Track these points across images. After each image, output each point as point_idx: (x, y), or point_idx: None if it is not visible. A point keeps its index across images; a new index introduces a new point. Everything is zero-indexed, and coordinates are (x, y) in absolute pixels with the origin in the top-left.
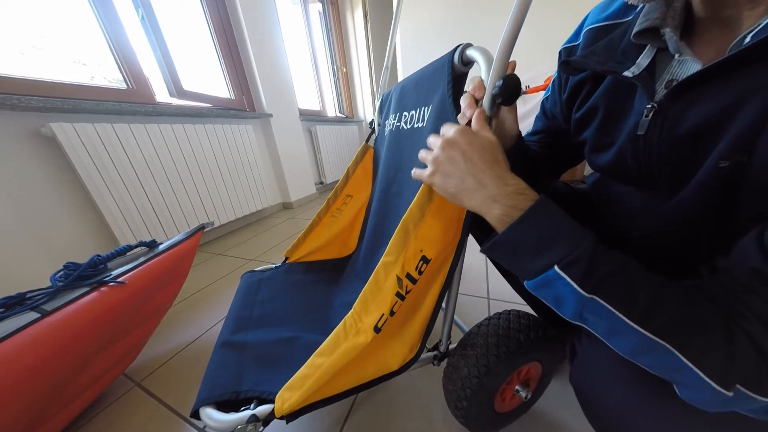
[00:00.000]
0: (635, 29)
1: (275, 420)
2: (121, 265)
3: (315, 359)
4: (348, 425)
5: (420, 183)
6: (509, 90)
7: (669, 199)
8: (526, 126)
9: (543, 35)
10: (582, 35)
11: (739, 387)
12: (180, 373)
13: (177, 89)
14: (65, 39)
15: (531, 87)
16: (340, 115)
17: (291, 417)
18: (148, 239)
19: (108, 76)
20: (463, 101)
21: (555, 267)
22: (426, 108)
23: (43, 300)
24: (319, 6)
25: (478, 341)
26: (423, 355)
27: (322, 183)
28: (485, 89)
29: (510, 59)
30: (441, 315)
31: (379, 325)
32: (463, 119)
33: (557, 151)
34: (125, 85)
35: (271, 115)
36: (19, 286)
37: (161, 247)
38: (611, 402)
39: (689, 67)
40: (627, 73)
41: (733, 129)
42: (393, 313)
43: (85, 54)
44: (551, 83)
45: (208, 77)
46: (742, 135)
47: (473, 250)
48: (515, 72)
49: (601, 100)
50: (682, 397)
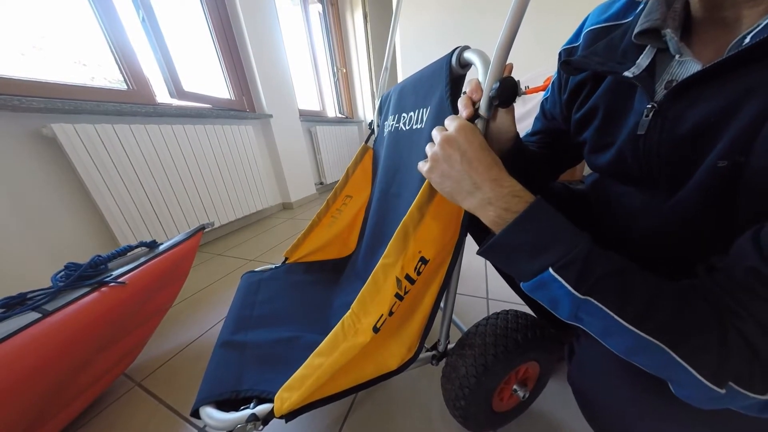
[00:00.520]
0: (636, 30)
1: (274, 419)
2: (122, 266)
3: (314, 359)
4: (347, 424)
5: (420, 184)
6: (506, 92)
7: (669, 199)
8: (526, 126)
9: (542, 36)
10: (582, 36)
11: (732, 384)
12: (180, 373)
13: (177, 90)
14: (66, 40)
15: (530, 87)
16: (339, 116)
17: (290, 416)
18: (148, 240)
19: (108, 76)
20: (460, 103)
21: (550, 269)
22: (424, 109)
23: (44, 300)
24: (319, 7)
25: (476, 341)
26: (421, 355)
27: (321, 183)
28: (482, 91)
29: (507, 61)
30: (439, 315)
31: (378, 326)
32: None
33: (556, 152)
34: (126, 86)
35: (271, 116)
36: (20, 286)
37: (161, 248)
38: (609, 401)
39: (689, 68)
40: (627, 74)
41: (732, 129)
42: (391, 313)
43: (86, 55)
44: (551, 84)
45: (208, 78)
46: (740, 135)
47: (472, 249)
48: (512, 74)
49: (602, 100)
50: (676, 395)
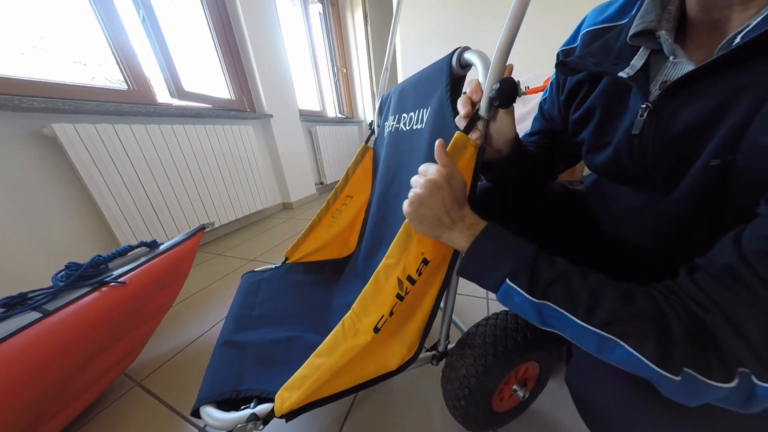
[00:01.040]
0: (631, 31)
1: (275, 419)
2: (122, 266)
3: (314, 360)
4: (347, 424)
5: None
6: (506, 93)
7: (664, 199)
8: (525, 127)
9: (542, 37)
10: (579, 37)
11: (690, 371)
12: (180, 373)
13: (178, 90)
14: (66, 39)
15: (530, 88)
16: (340, 116)
17: (291, 416)
18: (148, 239)
19: (109, 76)
20: (460, 104)
21: (507, 280)
22: (425, 110)
23: (45, 300)
24: (320, 7)
25: (476, 341)
26: (421, 355)
27: (322, 183)
28: (482, 92)
29: (507, 62)
30: (439, 315)
31: (379, 326)
32: (460, 122)
33: (555, 152)
34: (126, 86)
35: (272, 116)
36: (21, 285)
37: (162, 248)
38: (606, 402)
39: (683, 69)
40: (622, 74)
41: (723, 128)
42: (392, 314)
43: (86, 54)
44: (549, 85)
45: (208, 78)
46: (731, 134)
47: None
48: (512, 75)
49: (598, 100)
50: (663, 394)
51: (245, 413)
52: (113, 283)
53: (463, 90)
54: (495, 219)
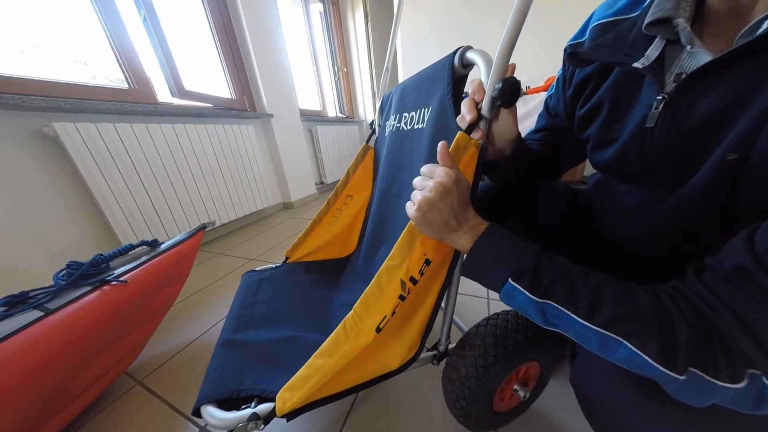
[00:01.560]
0: (647, 20)
1: (276, 418)
2: (123, 265)
3: (315, 360)
4: (348, 424)
5: None
6: (508, 93)
7: (669, 197)
8: (526, 127)
9: (543, 37)
10: (588, 32)
11: (693, 369)
12: (181, 372)
13: (178, 89)
14: (66, 38)
15: (531, 88)
16: (340, 116)
17: (291, 416)
18: (149, 239)
19: (109, 75)
20: (465, 108)
21: (509, 280)
22: (426, 109)
23: (46, 299)
24: (320, 6)
25: (476, 341)
26: (422, 355)
27: (322, 183)
28: (485, 92)
29: (509, 62)
30: (440, 315)
31: (381, 326)
32: (462, 122)
33: (559, 150)
34: (127, 85)
35: (272, 115)
36: (22, 284)
37: (163, 247)
38: (611, 403)
39: (700, 60)
40: (636, 64)
41: (743, 120)
42: (394, 314)
43: (86, 53)
44: (555, 81)
45: (209, 77)
46: (751, 126)
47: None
48: (515, 74)
49: (607, 95)
50: (670, 394)
51: (246, 413)
52: (114, 282)
53: (465, 90)
54: (497, 219)
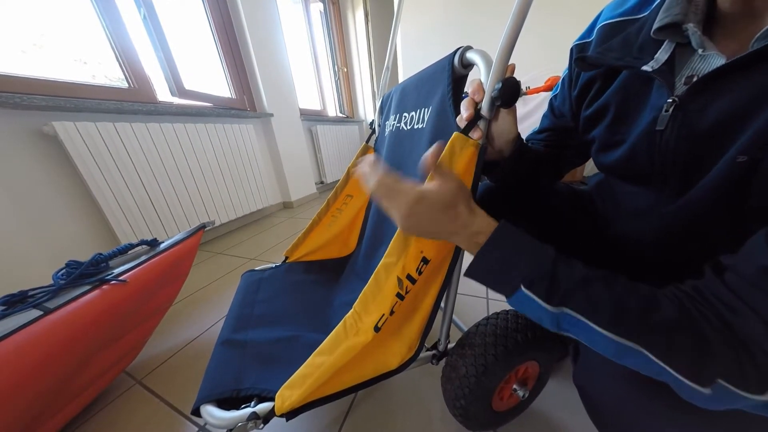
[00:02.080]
0: (656, 25)
1: (275, 418)
2: (123, 264)
3: (315, 358)
4: (347, 423)
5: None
6: (508, 93)
7: (677, 199)
8: (526, 127)
9: (544, 37)
10: (595, 31)
11: (723, 383)
12: (181, 371)
13: (178, 88)
14: (66, 37)
15: (531, 88)
16: (340, 115)
17: (291, 415)
18: (149, 238)
19: (109, 74)
20: (464, 106)
21: (521, 287)
22: (426, 109)
23: (46, 298)
24: (320, 5)
25: (476, 341)
26: (422, 355)
27: (322, 183)
28: (484, 92)
29: (509, 62)
30: (440, 314)
31: (379, 325)
32: (462, 122)
33: (563, 150)
34: (127, 84)
35: (272, 115)
36: (22, 284)
37: (162, 246)
38: (618, 403)
39: (712, 62)
40: (646, 68)
41: (755, 124)
42: (392, 313)
43: (86, 52)
44: (561, 81)
45: (209, 77)
46: (764, 130)
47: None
48: (514, 75)
49: (614, 97)
50: (681, 397)
51: (246, 412)
52: (114, 282)
53: (465, 90)
54: (497, 219)
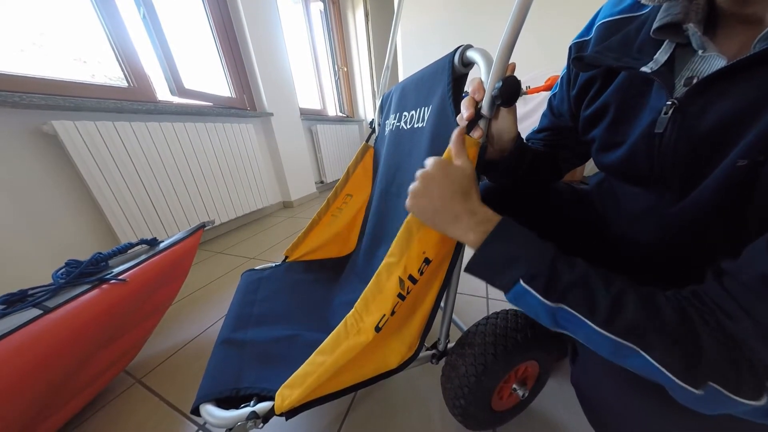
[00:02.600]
0: (655, 25)
1: (275, 417)
2: (123, 263)
3: (315, 358)
4: (347, 423)
5: None
6: (508, 91)
7: (678, 201)
8: (526, 126)
9: (544, 36)
10: (594, 29)
11: (713, 385)
12: (180, 371)
13: (178, 88)
14: (65, 36)
15: (531, 88)
16: (340, 115)
17: (290, 414)
18: (149, 237)
19: (109, 74)
20: (464, 106)
21: (521, 281)
22: (426, 108)
23: (45, 297)
24: (321, 5)
25: (476, 340)
26: (421, 354)
27: (322, 182)
28: (485, 90)
29: (510, 61)
30: (440, 314)
31: (380, 325)
32: (462, 121)
33: (562, 150)
34: (126, 83)
35: (272, 114)
36: (21, 283)
37: (162, 245)
38: (615, 404)
39: (713, 64)
40: (645, 69)
41: (756, 127)
42: (393, 313)
43: (86, 52)
44: (559, 80)
45: (209, 76)
46: (765, 133)
47: (471, 249)
48: (515, 73)
49: (613, 97)
50: (676, 400)
51: (245, 411)
52: (114, 281)
53: (465, 89)
54: None
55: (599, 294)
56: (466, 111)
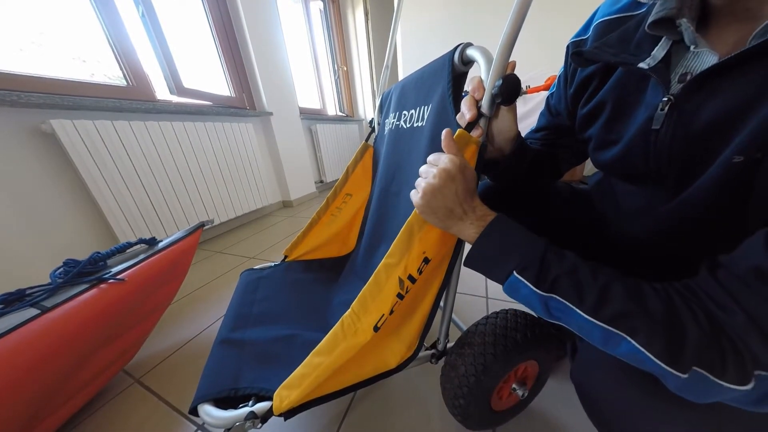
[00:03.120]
0: (650, 19)
1: (273, 417)
2: (121, 263)
3: (313, 358)
4: (346, 422)
5: None
6: (508, 90)
7: (673, 198)
8: (526, 126)
9: (544, 36)
10: (592, 28)
11: (698, 369)
12: (179, 370)
13: (177, 87)
14: (64, 35)
15: (531, 87)
16: (340, 114)
17: (289, 414)
18: (147, 237)
19: (108, 73)
20: (465, 106)
21: (514, 272)
22: (426, 107)
23: (43, 296)
24: (320, 4)
25: (475, 340)
26: (421, 354)
27: (322, 181)
28: (485, 89)
29: (510, 59)
30: (439, 313)
31: (379, 325)
32: (462, 120)
33: (560, 149)
34: (125, 82)
35: (272, 114)
36: (19, 282)
37: (161, 245)
38: (615, 400)
39: (704, 60)
40: (642, 65)
41: (752, 123)
42: (392, 312)
43: (85, 51)
44: (557, 79)
45: (208, 75)
46: (760, 130)
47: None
48: (515, 72)
49: (610, 95)
50: (670, 389)
51: (243, 411)
52: (112, 280)
53: (465, 88)
54: None
55: (587, 283)
56: (468, 112)
